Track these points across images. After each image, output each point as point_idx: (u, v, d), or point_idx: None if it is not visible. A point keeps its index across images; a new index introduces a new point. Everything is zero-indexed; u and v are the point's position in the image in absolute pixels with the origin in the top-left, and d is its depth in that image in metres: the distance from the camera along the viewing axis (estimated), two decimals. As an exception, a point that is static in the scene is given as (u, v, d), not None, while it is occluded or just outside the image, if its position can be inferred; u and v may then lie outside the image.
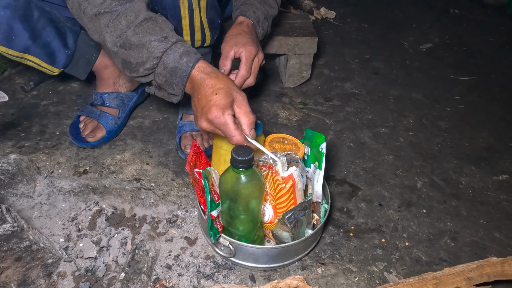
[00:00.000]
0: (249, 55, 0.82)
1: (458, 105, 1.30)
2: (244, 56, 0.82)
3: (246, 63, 0.82)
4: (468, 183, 0.99)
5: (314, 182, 0.77)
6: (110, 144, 0.99)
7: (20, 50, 0.83)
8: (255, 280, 0.72)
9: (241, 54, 0.82)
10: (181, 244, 0.77)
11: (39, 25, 0.83)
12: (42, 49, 0.85)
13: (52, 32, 0.85)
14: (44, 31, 0.84)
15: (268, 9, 0.94)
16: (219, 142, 0.77)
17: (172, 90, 0.73)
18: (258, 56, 0.84)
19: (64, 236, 0.76)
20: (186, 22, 0.82)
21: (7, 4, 0.78)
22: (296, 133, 1.10)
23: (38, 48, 0.85)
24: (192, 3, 0.80)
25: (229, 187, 0.63)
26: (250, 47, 0.82)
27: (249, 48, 0.82)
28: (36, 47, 0.84)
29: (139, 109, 1.12)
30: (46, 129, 1.02)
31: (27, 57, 0.85)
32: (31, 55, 0.85)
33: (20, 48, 0.83)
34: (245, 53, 0.81)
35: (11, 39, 0.80)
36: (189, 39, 0.86)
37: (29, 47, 0.83)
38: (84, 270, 0.70)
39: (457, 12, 2.03)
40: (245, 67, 0.82)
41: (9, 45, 0.81)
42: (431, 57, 1.59)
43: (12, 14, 0.79)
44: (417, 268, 0.77)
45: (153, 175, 0.91)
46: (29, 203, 0.81)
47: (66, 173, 0.90)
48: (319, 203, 0.78)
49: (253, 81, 0.85)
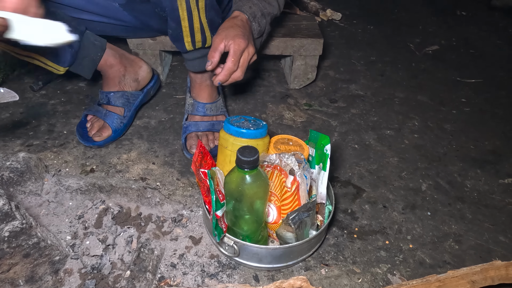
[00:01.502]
0: (238, 47, 0.80)
1: (464, 107, 1.30)
2: (232, 48, 0.80)
3: (234, 56, 0.80)
4: (473, 186, 0.99)
5: (318, 183, 0.78)
6: (117, 144, 1.00)
7: (27, 48, 0.85)
8: (259, 280, 0.72)
9: (229, 47, 0.80)
10: (186, 243, 0.77)
11: None
12: (48, 48, 0.87)
13: None
14: None
15: (267, 6, 0.93)
16: (224, 143, 0.78)
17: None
18: (248, 50, 0.82)
19: (71, 234, 0.77)
20: (186, 23, 0.83)
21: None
22: (301, 134, 1.10)
23: (43, 47, 0.86)
24: (190, 5, 0.81)
25: (234, 187, 0.63)
26: (240, 39, 0.80)
27: (238, 41, 0.80)
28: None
29: (145, 109, 1.13)
30: (54, 128, 1.03)
31: (33, 56, 0.87)
32: (37, 54, 0.86)
33: (27, 47, 0.84)
34: (233, 45, 0.80)
35: None
36: (190, 40, 0.87)
37: (34, 45, 0.85)
38: (90, 267, 0.71)
39: (464, 14, 2.02)
40: (232, 60, 0.80)
41: (16, 44, 0.83)
42: (437, 59, 1.59)
43: None
44: (420, 271, 0.77)
45: (159, 174, 0.92)
46: (37, 200, 0.82)
47: (73, 171, 0.91)
48: (323, 204, 0.78)
49: (240, 75, 0.83)
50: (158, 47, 1.16)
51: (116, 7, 0.94)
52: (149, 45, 1.15)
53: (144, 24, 1.00)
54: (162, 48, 1.17)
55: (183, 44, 0.88)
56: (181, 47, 0.90)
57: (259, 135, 0.75)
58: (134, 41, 1.15)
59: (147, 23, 1.00)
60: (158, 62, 1.20)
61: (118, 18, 0.97)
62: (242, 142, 0.73)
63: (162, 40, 1.14)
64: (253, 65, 1.43)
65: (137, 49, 1.16)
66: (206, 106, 1.00)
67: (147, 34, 1.12)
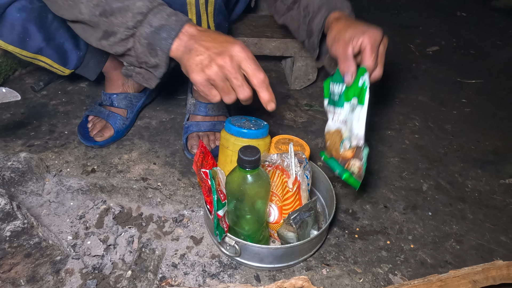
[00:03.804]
0: (375, 41, 0.67)
1: (465, 108, 1.30)
2: (368, 44, 0.66)
3: (372, 52, 0.67)
4: (474, 186, 0.99)
5: (352, 123, 0.68)
6: (118, 144, 1.00)
7: (33, 51, 0.85)
8: (260, 280, 0.72)
9: (362, 44, 0.67)
10: (187, 244, 0.77)
11: (52, 27, 0.85)
12: (55, 51, 0.87)
13: (65, 34, 0.87)
14: (57, 33, 0.86)
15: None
16: (225, 143, 0.78)
17: (155, 57, 0.62)
18: (383, 41, 0.69)
19: (72, 234, 0.77)
20: None
21: (23, 6, 0.79)
22: (302, 134, 1.10)
23: (51, 50, 0.86)
24: (200, 9, 0.80)
25: (236, 187, 0.63)
26: (373, 31, 0.67)
27: (372, 33, 0.67)
28: (49, 48, 0.86)
29: (146, 110, 1.13)
30: (55, 128, 1.03)
31: (39, 58, 0.87)
32: (43, 56, 0.87)
33: (34, 49, 0.85)
34: (369, 40, 0.66)
35: (25, 40, 0.82)
36: None
37: (42, 48, 0.85)
38: (91, 267, 0.71)
39: (464, 15, 2.03)
40: (371, 58, 0.67)
41: (23, 46, 0.83)
42: (438, 60, 1.59)
43: (27, 16, 0.80)
44: (422, 271, 0.77)
45: (160, 174, 0.92)
46: (38, 201, 0.82)
47: (74, 172, 0.91)
48: (360, 149, 0.67)
49: (381, 72, 0.70)
50: (159, 47, 1.16)
51: None
52: (150, 45, 1.15)
53: None
54: (163, 48, 1.17)
55: None
56: None
57: (260, 135, 0.76)
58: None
59: None
60: (159, 63, 1.20)
61: None
62: (243, 142, 0.74)
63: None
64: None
65: (138, 49, 1.16)
66: (208, 106, 1.00)
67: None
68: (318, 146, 1.07)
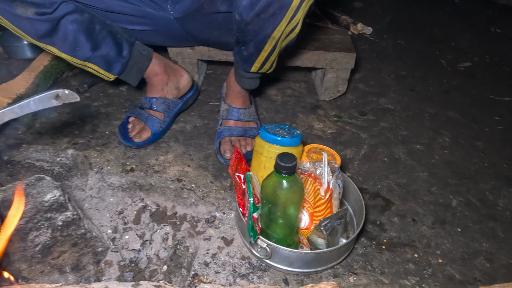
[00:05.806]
0: None
1: (497, 125, 1.28)
2: None
3: None
4: (506, 205, 0.98)
5: None
6: (155, 146, 1.05)
7: (82, 59, 0.92)
8: (289, 283, 0.74)
9: None
10: (218, 244, 0.81)
11: (99, 37, 0.92)
12: (101, 58, 0.94)
13: (110, 43, 0.94)
14: (103, 43, 0.93)
15: None
16: (259, 149, 0.81)
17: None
18: None
19: (111, 228, 0.82)
20: (265, 54, 0.87)
21: (75, 19, 0.88)
22: (331, 145, 1.12)
23: (97, 57, 0.93)
24: (277, 44, 0.83)
25: (271, 192, 0.66)
26: None
27: None
28: (95, 56, 0.93)
29: (182, 115, 1.18)
30: (97, 128, 1.10)
31: (87, 64, 0.94)
32: (91, 63, 0.94)
33: (83, 57, 0.92)
34: None
35: (75, 49, 0.90)
36: (259, 66, 0.91)
37: (90, 56, 0.92)
38: (128, 260, 0.75)
39: (498, 31, 1.99)
40: None
41: (74, 54, 0.91)
42: (470, 76, 1.58)
43: (78, 28, 0.88)
44: (450, 286, 0.77)
45: (194, 176, 0.96)
46: (81, 195, 0.88)
47: (114, 170, 0.96)
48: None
49: None
50: (196, 56, 1.22)
51: (170, 19, 1.00)
52: (187, 54, 1.21)
53: (191, 36, 1.06)
54: (200, 57, 1.22)
55: (250, 66, 0.91)
56: (245, 67, 0.93)
57: (293, 143, 0.78)
58: (174, 50, 1.21)
59: (195, 35, 1.06)
60: (195, 70, 1.26)
61: (169, 30, 1.03)
62: (277, 150, 0.77)
63: (200, 50, 1.20)
64: (284, 76, 1.46)
65: (177, 57, 1.22)
66: (240, 111, 1.04)
67: (190, 44, 1.18)
68: (346, 157, 1.08)
